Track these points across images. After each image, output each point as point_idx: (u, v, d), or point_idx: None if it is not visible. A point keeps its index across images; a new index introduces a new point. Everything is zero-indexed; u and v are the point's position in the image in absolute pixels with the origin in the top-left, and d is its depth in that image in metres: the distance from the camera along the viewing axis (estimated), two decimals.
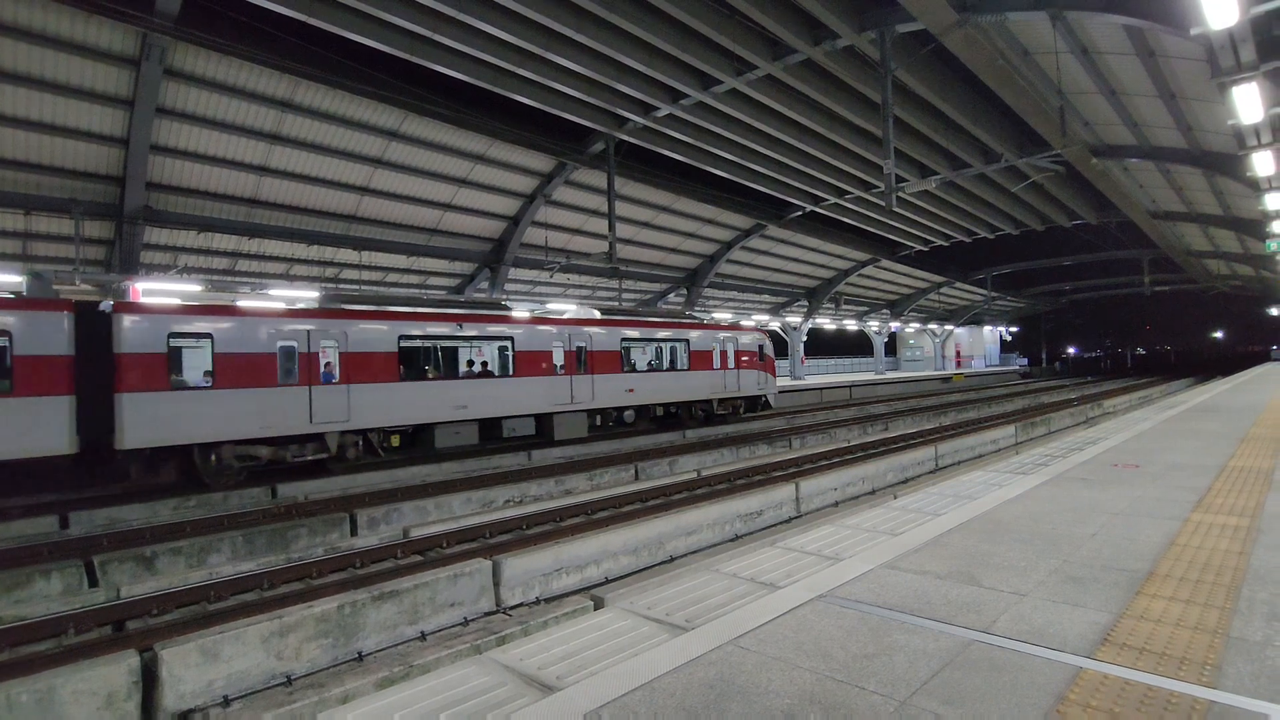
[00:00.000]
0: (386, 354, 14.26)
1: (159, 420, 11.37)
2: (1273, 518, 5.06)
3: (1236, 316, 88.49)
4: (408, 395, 14.51)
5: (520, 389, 16.56)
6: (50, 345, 10.70)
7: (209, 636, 5.57)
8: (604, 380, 18.50)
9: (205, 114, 16.21)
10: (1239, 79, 8.49)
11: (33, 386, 10.43)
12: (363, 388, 13.77)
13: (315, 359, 13.28)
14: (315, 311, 13.67)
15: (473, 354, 16.89)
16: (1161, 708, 2.48)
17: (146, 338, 11.44)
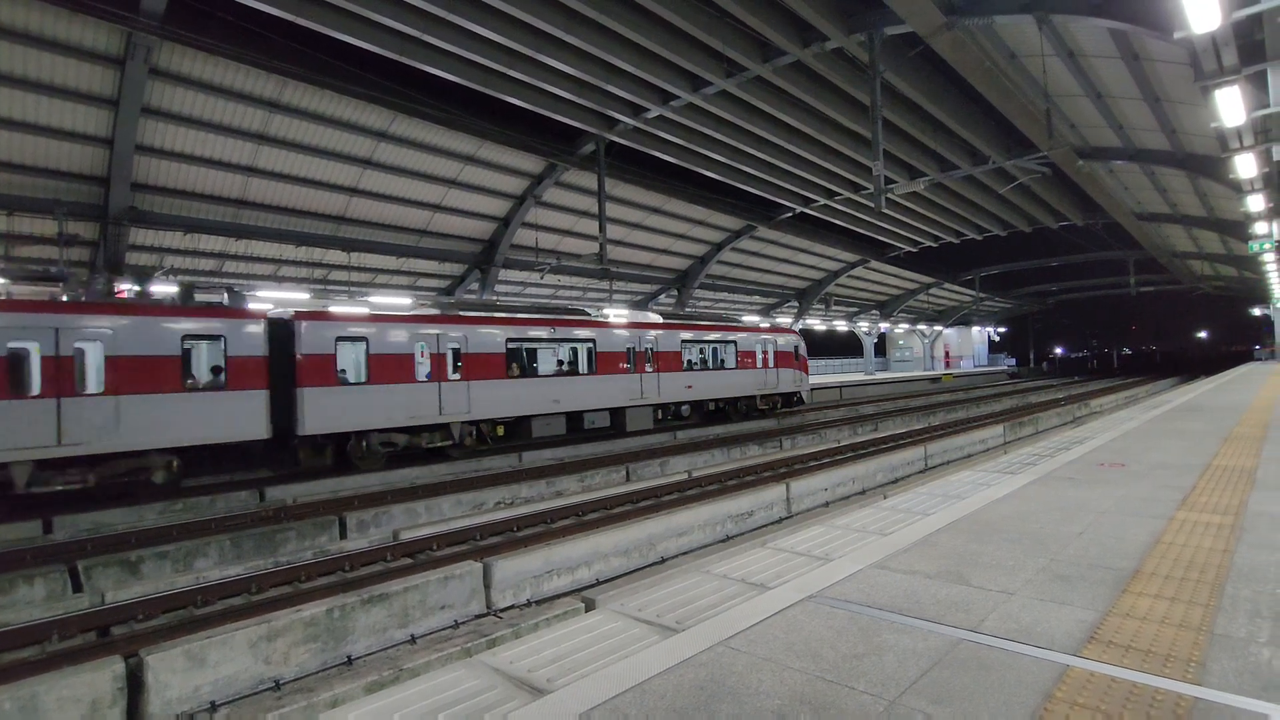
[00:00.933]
0: (497, 354, 16.43)
1: (328, 411, 13.45)
2: (1255, 516, 5.12)
3: (1220, 317, 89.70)
4: (514, 391, 16.68)
5: (601, 385, 18.71)
6: (251, 348, 12.74)
7: (196, 641, 5.51)
8: (667, 378, 20.70)
9: (191, 114, 16.07)
10: (1221, 82, 8.60)
11: (240, 382, 12.48)
12: (479, 384, 15.88)
13: (444, 359, 15.42)
14: (442, 317, 15.79)
15: (563, 354, 18.96)
16: (1147, 705, 2.51)
17: (320, 341, 13.54)
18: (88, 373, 11.11)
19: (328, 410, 13.41)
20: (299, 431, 13.10)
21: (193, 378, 12.30)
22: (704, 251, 33.26)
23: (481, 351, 16.03)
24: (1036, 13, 11.91)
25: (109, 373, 11.18)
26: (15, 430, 10.14)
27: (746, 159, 22.22)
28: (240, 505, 11.88)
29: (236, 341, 12.56)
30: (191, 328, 12.22)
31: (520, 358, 17.49)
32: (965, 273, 51.60)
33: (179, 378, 11.91)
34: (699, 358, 22.55)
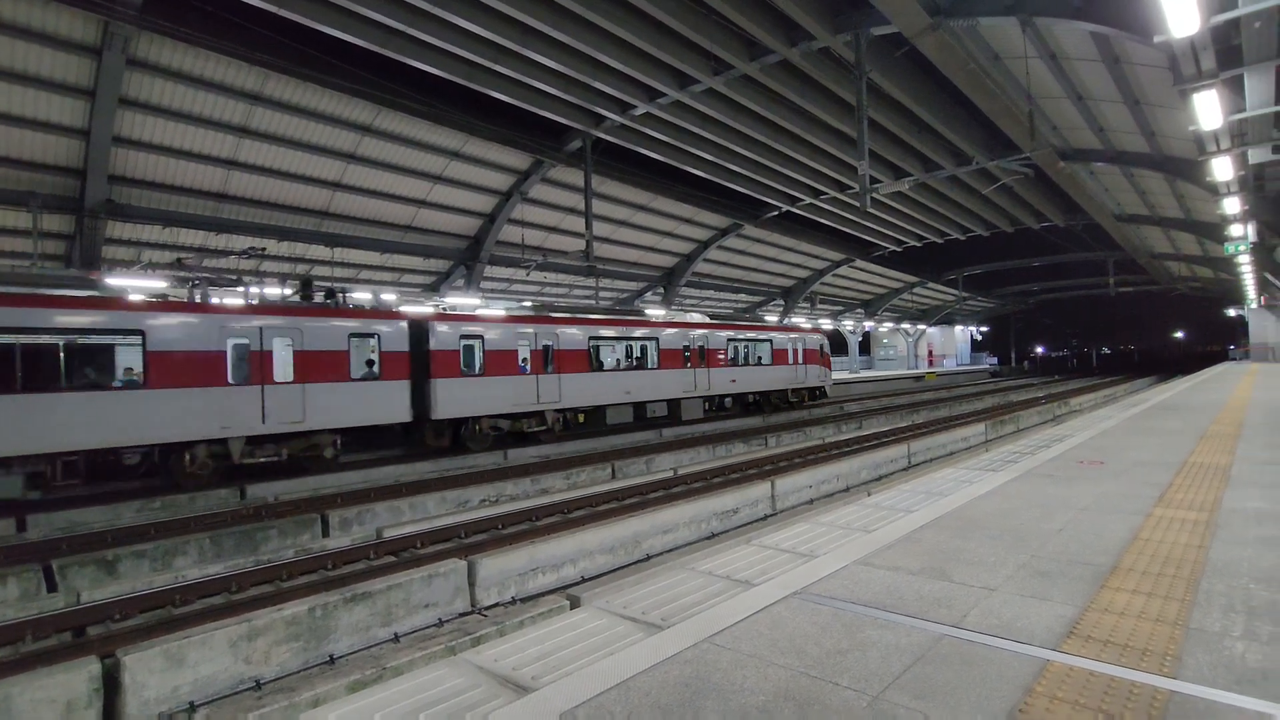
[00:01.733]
0: (582, 351, 18.77)
1: (453, 399, 15.62)
2: (1230, 513, 5.22)
3: (1196, 317, 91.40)
4: (594, 383, 19.01)
5: (662, 379, 21.14)
6: (398, 344, 14.76)
7: (174, 641, 5.43)
8: (716, 373, 23.13)
9: (170, 106, 15.82)
10: (1199, 86, 8.73)
11: (389, 374, 14.55)
12: (568, 377, 18.20)
13: (540, 355, 17.65)
14: (540, 319, 18.08)
15: (633, 351, 20.95)
16: (1124, 699, 2.54)
17: (448, 339, 15.70)
18: (283, 365, 13.09)
19: (453, 398, 15.68)
20: (431, 416, 15.32)
21: (355, 369, 14.20)
22: (690, 249, 33.31)
23: (570, 348, 18.42)
24: (1020, 15, 12.04)
25: (297, 365, 13.19)
26: (233, 412, 12.31)
27: (733, 157, 22.28)
28: (220, 503, 11.72)
29: (386, 339, 14.64)
30: (354, 327, 14.20)
31: (600, 354, 19.77)
32: (949, 272, 52.14)
33: (346, 370, 13.95)
34: (741, 355, 24.81)
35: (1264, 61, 8.02)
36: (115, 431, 11.09)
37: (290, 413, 12.94)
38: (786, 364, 26.77)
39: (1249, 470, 6.92)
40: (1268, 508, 5.30)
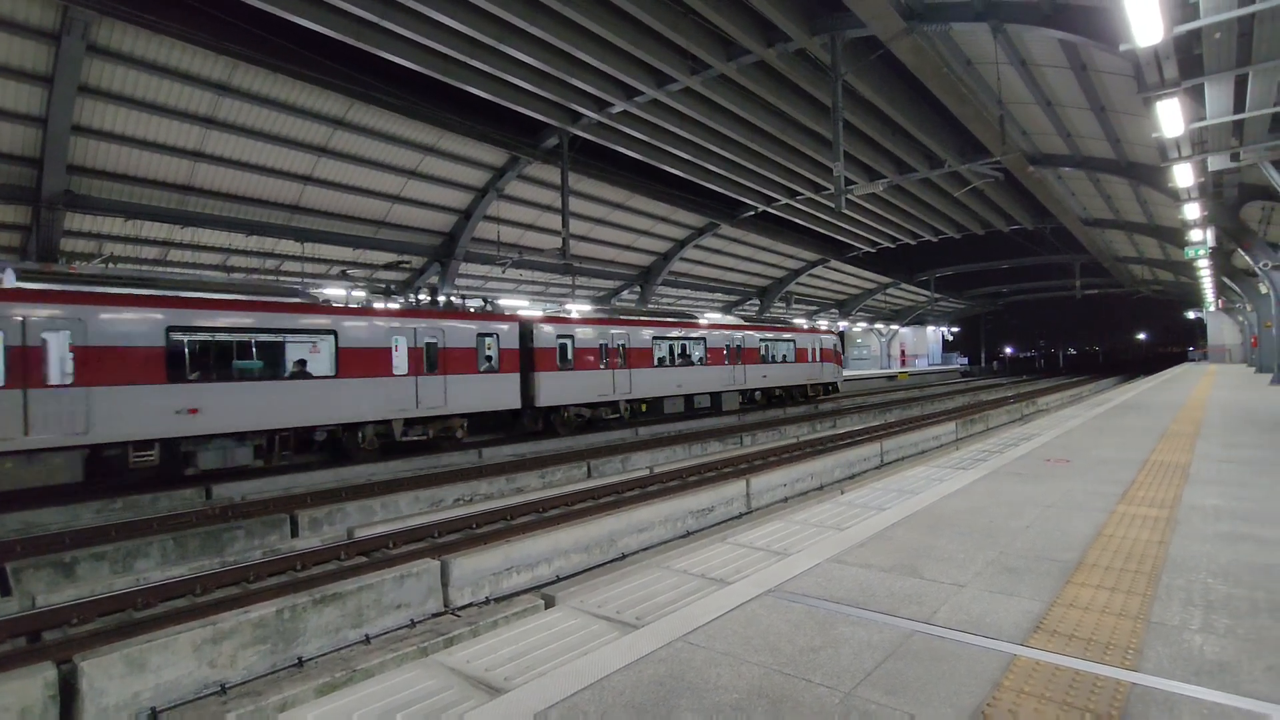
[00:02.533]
0: (649, 349, 21.80)
1: (552, 389, 18.58)
2: (1189, 509, 5.37)
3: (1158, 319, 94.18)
4: (657, 377, 22.08)
5: (709, 374, 24.15)
6: (512, 342, 17.58)
7: (135, 646, 5.28)
8: (751, 369, 26.37)
9: (133, 94, 15.37)
10: (1162, 94, 8.97)
11: (505, 367, 17.40)
12: (637, 371, 21.16)
13: (616, 351, 20.58)
14: (616, 320, 21.03)
15: (686, 350, 23.74)
16: (1088, 691, 2.60)
17: (548, 339, 18.70)
18: (432, 360, 15.73)
19: (551, 389, 18.57)
20: (535, 404, 18.21)
21: (480, 364, 16.80)
22: (667, 248, 33.35)
23: (639, 346, 21.36)
24: (991, 21, 12.25)
25: (441, 360, 15.85)
26: (397, 399, 15.00)
27: (710, 157, 22.34)
28: (184, 504, 11.44)
29: (503, 338, 17.38)
30: (480, 328, 16.88)
31: (661, 352, 22.62)
32: (921, 273, 52.96)
33: (475, 364, 16.62)
34: (771, 354, 27.91)
35: (1223, 72, 8.26)
36: (316, 413, 13.70)
37: (436, 399, 15.76)
38: (807, 362, 30.28)
39: (1207, 468, 7.13)
40: (1224, 505, 5.47)
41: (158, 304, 11.92)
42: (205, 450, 12.35)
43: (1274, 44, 7.70)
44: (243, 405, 12.58)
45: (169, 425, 11.71)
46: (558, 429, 19.05)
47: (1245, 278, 28.22)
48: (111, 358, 11.18)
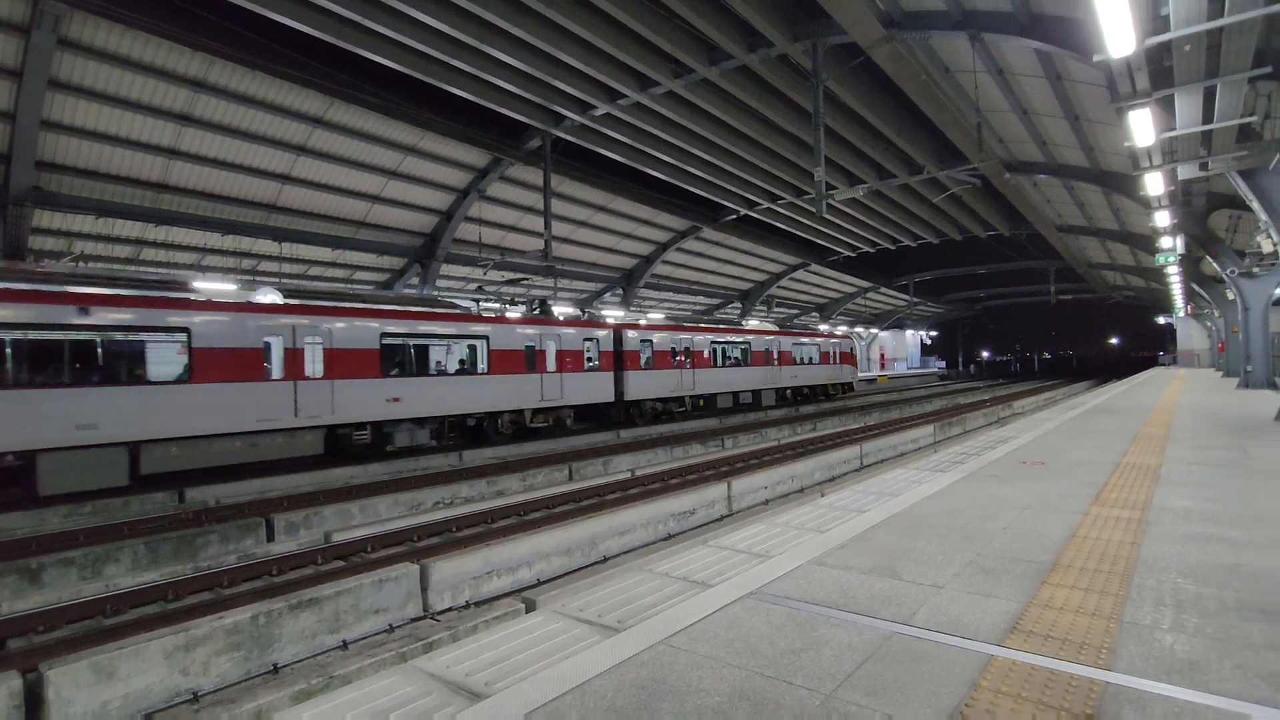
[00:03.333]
0: (708, 352, 25.34)
1: (637, 385, 21.93)
2: (1159, 510, 5.48)
3: (1130, 324, 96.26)
4: (713, 376, 25.47)
5: (754, 374, 27.92)
6: (608, 346, 21.09)
7: (104, 653, 5.15)
8: (784, 370, 30.05)
9: (106, 90, 15.07)
10: (1134, 104, 9.17)
11: (604, 367, 20.81)
12: (700, 370, 24.69)
13: (684, 354, 23.91)
14: (684, 327, 24.46)
15: (736, 353, 27.23)
16: (1063, 690, 2.64)
17: (634, 343, 22.07)
18: (552, 360, 19.01)
19: (637, 385, 21.93)
20: (624, 398, 21.63)
21: (586, 363, 20.16)
22: (649, 251, 33.40)
23: (700, 350, 24.83)
24: (969, 30, 12.44)
25: (558, 360, 19.17)
26: (528, 392, 18.23)
27: (693, 160, 22.44)
28: (156, 508, 11.20)
29: (602, 341, 20.80)
30: (588, 334, 20.34)
31: (716, 354, 26.04)
32: (900, 278, 53.59)
33: (582, 363, 19.99)
34: (800, 356, 31.59)
35: (1192, 83, 8.47)
36: (473, 403, 16.87)
37: (555, 393, 18.96)
38: (829, 363, 34.20)
39: (1177, 470, 7.29)
40: (1194, 506, 5.59)
41: (374, 315, 14.92)
42: (399, 431, 15.42)
43: (1240, 57, 7.91)
44: (428, 396, 15.80)
45: (381, 411, 14.75)
46: (635, 420, 22.41)
47: (1213, 284, 28.93)
48: (346, 357, 14.21)
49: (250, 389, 12.62)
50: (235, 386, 12.37)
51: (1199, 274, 28.57)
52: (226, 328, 12.43)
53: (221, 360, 12.25)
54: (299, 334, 13.38)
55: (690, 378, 24.11)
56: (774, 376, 29.25)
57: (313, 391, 13.50)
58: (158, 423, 11.50)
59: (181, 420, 11.77)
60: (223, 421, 12.23)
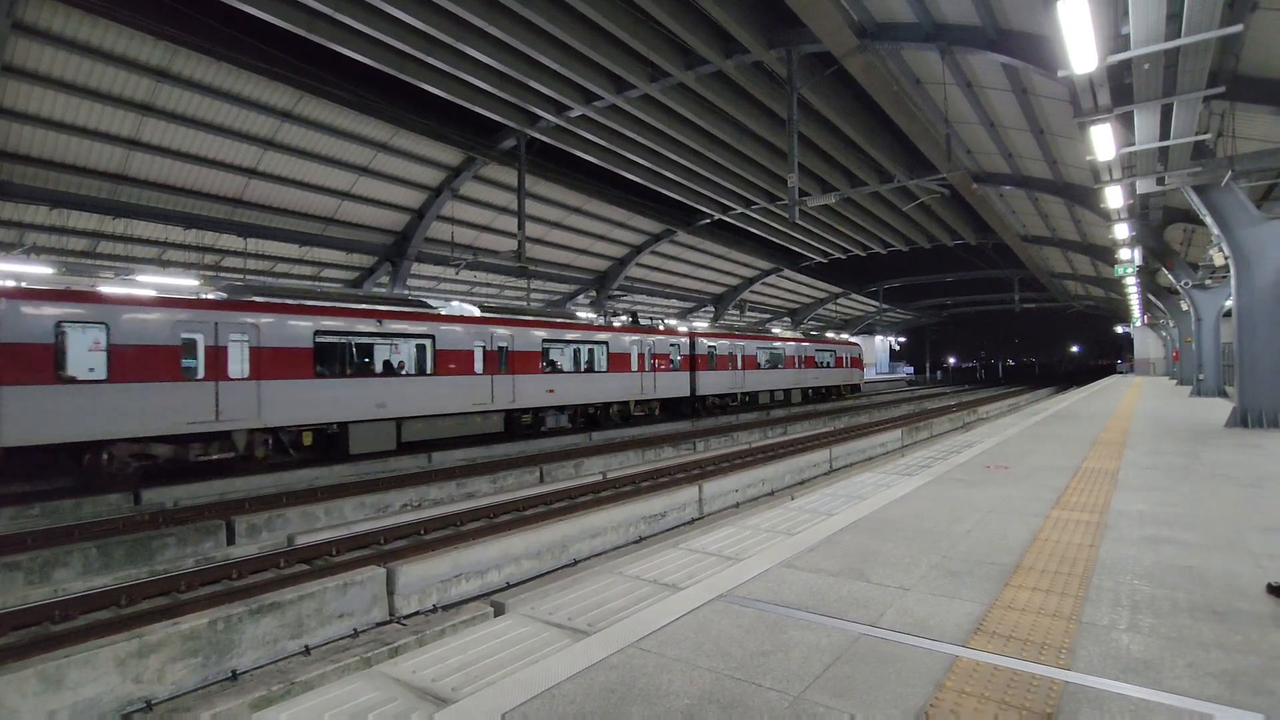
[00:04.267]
0: (755, 355, 30.53)
1: (705, 383, 26.63)
2: (1117, 514, 5.64)
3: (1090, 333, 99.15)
4: (758, 376, 30.69)
5: (787, 376, 33.46)
6: (686, 350, 25.64)
7: (51, 661, 4.95)
8: (809, 372, 35.95)
9: (63, 77, 14.56)
10: (1096, 119, 9.45)
11: (682, 367, 25.26)
12: (749, 371, 30.01)
13: (739, 358, 29.10)
14: (741, 335, 29.72)
15: (772, 358, 32.23)
16: (1025, 691, 2.69)
17: (703, 347, 26.71)
18: (648, 361, 23.55)
19: (705, 383, 26.67)
20: (695, 394, 26.22)
21: (672, 364, 24.75)
22: (623, 254, 33.41)
23: (750, 354, 30.03)
24: (940, 43, 12.70)
25: (652, 360, 23.74)
26: (631, 387, 22.54)
27: (668, 164, 22.50)
28: (110, 510, 10.83)
29: (682, 346, 25.45)
30: (674, 340, 25.02)
31: (760, 358, 31.03)
32: (870, 284, 54.45)
33: (669, 364, 24.64)
34: (821, 360, 37.52)
35: (1151, 100, 8.76)
36: (595, 395, 21.27)
37: (651, 388, 23.65)
38: (843, 367, 40.54)
39: (1134, 475, 7.51)
40: (1149, 510, 5.77)
41: (540, 325, 19.30)
42: (549, 416, 19.89)
43: (1196, 77, 8.20)
44: (568, 389, 20.09)
45: (542, 400, 19.06)
46: (699, 411, 27.31)
47: (1168, 295, 29.94)
48: (523, 358, 18.51)
49: (467, 381, 16.95)
50: (459, 379, 16.96)
51: (1155, 285, 29.56)
52: (456, 336, 16.91)
53: (453, 358, 16.78)
54: (495, 340, 17.90)
55: (742, 377, 29.50)
56: (801, 378, 35.12)
57: (503, 385, 17.94)
58: (414, 404, 15.83)
59: (429, 403, 16.17)
60: (454, 405, 16.77)
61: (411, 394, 15.73)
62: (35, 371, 10.47)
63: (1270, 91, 10.23)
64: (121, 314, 11.47)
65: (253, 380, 12.87)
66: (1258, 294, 11.68)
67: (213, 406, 12.26)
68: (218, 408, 12.32)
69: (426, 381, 16.13)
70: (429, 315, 16.52)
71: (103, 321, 11.25)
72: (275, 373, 13.19)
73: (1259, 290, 11.67)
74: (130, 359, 11.43)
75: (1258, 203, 15.12)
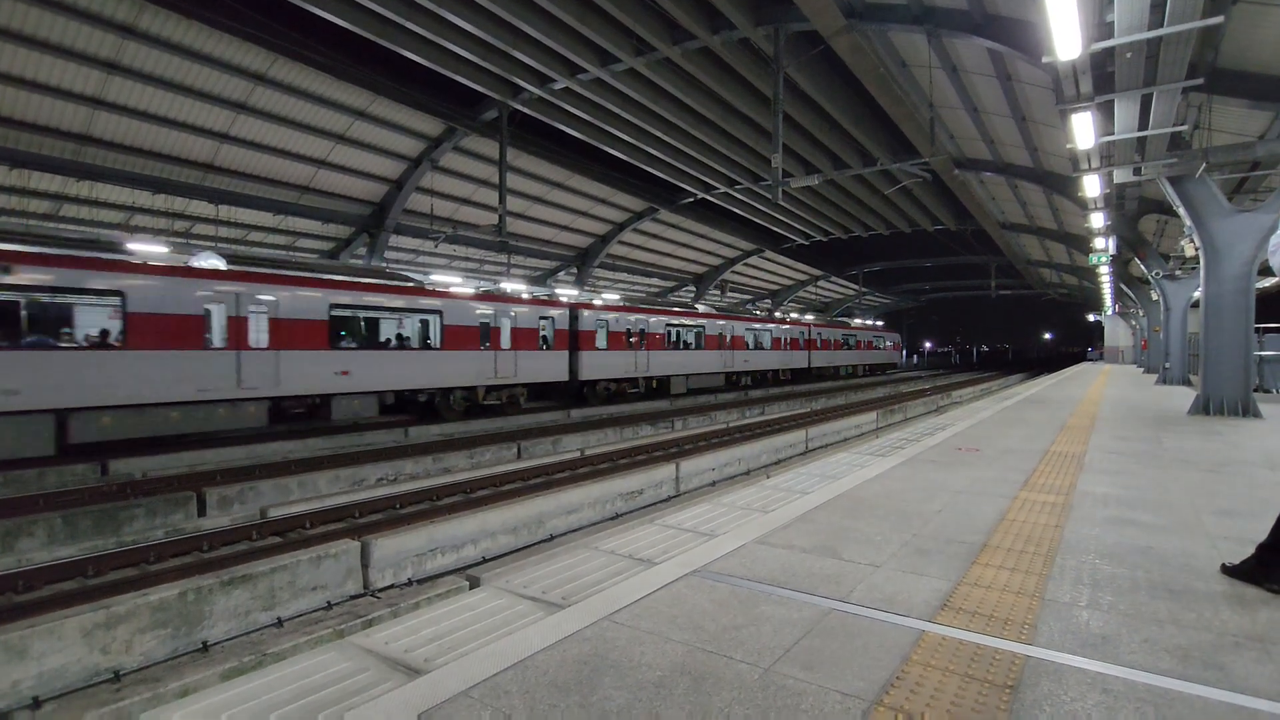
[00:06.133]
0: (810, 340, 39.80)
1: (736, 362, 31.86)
2: (1082, 495, 5.79)
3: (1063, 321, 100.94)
4: (834, 355, 42.49)
5: (840, 356, 43.03)
6: (796, 335, 38.40)
7: (14, 631, 4.87)
8: (869, 352, 48.94)
9: (22, 30, 13.93)
10: (1077, 107, 9.50)
11: (792, 348, 38.02)
12: (817, 351, 40.36)
13: (829, 341, 41.96)
14: (793, 322, 38.39)
15: (848, 341, 43.13)
16: (988, 664, 2.76)
17: (813, 333, 40.41)
18: (729, 341, 30.94)
19: (739, 360, 31.93)
20: (809, 366, 39.15)
21: (783, 348, 35.92)
22: (605, 231, 33.14)
23: (818, 339, 40.23)
24: (927, 26, 12.66)
25: (773, 344, 35.26)
26: (716, 361, 30.29)
27: (652, 140, 22.26)
28: (76, 480, 10.62)
29: (791, 331, 37.10)
30: (784, 329, 36.59)
31: (834, 342, 41.71)
32: (851, 268, 54.71)
33: (784, 346, 36.12)
34: (876, 344, 49.88)
35: (1132, 90, 8.83)
36: (697, 367, 28.52)
37: (730, 363, 30.75)
38: (886, 349, 53.49)
39: (1099, 458, 7.70)
40: (1112, 492, 5.92)
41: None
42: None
43: (1176, 68, 8.28)
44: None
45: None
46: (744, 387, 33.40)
47: (1140, 285, 30.55)
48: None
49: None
50: (714, 352, 27.50)
51: (1128, 275, 30.12)
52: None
53: (710, 341, 27.79)
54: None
55: (806, 357, 39.24)
56: (865, 357, 47.66)
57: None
58: (698, 365, 27.89)
59: (703, 365, 27.80)
60: (713, 368, 28.08)
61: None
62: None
63: (1246, 84, 10.38)
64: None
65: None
66: (1225, 285, 11.95)
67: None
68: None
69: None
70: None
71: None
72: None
73: (1226, 281, 11.94)
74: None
75: (1230, 196, 15.43)
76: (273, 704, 2.64)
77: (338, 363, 14.94)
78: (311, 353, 14.38)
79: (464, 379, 17.92)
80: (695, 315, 29.56)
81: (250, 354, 13.31)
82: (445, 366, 17.42)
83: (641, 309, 26.00)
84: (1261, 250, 11.39)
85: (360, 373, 15.37)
